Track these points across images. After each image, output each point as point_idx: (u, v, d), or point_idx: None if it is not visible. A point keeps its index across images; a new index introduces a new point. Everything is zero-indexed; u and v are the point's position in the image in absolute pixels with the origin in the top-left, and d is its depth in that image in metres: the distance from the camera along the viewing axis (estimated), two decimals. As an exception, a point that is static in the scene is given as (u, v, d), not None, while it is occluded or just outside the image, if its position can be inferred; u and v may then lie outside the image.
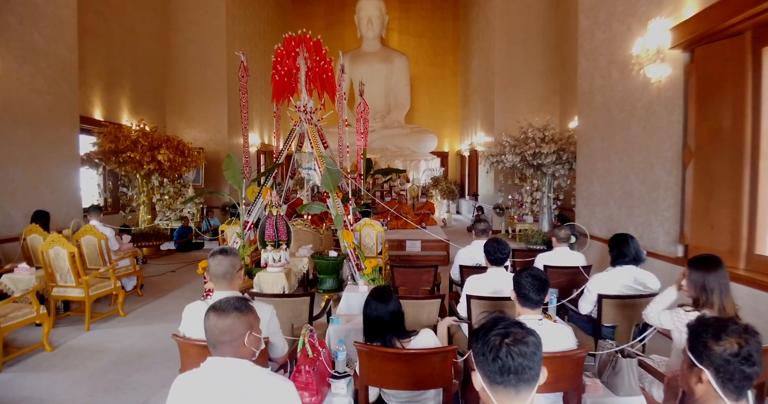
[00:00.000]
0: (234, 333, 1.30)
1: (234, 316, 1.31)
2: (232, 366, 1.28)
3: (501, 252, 2.83)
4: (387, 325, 1.88)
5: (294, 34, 5.58)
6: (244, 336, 1.32)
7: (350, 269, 5.16)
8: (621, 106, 4.68)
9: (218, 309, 1.33)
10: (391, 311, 1.88)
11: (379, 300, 1.90)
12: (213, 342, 1.30)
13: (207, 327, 1.31)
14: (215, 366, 1.28)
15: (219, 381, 1.25)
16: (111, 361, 3.42)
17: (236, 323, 1.31)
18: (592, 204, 5.38)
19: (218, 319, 1.30)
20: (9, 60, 5.00)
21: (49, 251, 3.98)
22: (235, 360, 1.29)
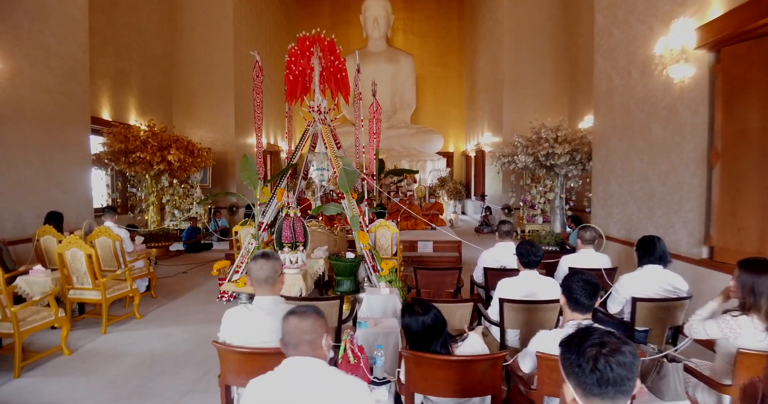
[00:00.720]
0: (314, 333, 1.37)
1: (314, 318, 1.39)
2: (312, 364, 1.34)
3: (534, 254, 2.78)
4: (431, 335, 1.84)
5: (308, 34, 5.53)
6: (322, 337, 1.38)
7: (366, 271, 5.11)
8: (641, 106, 4.64)
9: (298, 312, 1.42)
10: (432, 322, 1.84)
11: (419, 313, 1.85)
12: (294, 342, 1.36)
13: (288, 329, 1.38)
14: (295, 365, 1.34)
15: (299, 378, 1.31)
16: (132, 365, 3.36)
17: (316, 324, 1.38)
18: (609, 205, 5.34)
19: (299, 321, 1.38)
20: (21, 59, 4.95)
21: (66, 253, 3.93)
22: (314, 359, 1.35)
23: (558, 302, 2.80)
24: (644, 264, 2.93)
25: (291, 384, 1.30)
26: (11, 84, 4.83)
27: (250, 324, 1.88)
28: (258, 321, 1.88)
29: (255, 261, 1.90)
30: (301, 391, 1.28)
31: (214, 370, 3.27)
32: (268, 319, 1.88)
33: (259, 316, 1.89)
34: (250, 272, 1.91)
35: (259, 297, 1.92)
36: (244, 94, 10.60)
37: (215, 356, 3.47)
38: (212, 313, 4.59)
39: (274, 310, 1.90)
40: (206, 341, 3.83)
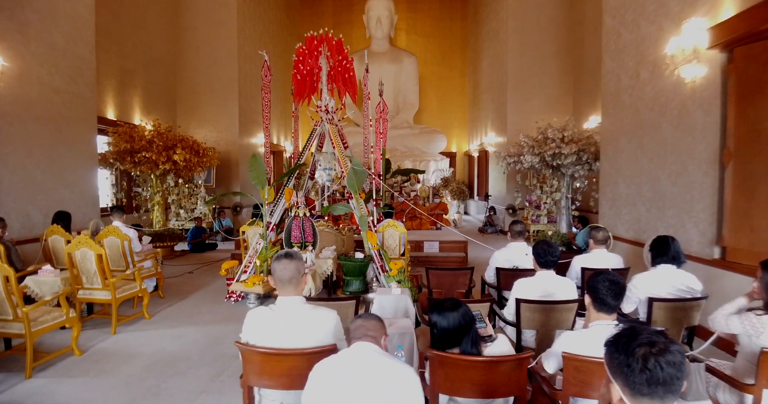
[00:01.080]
0: (377, 331, 1.61)
1: (376, 320, 1.66)
2: (374, 348, 1.56)
3: (552, 254, 2.78)
4: (460, 332, 1.82)
5: (315, 33, 5.52)
6: (383, 337, 1.63)
7: (374, 271, 5.10)
8: (650, 106, 4.64)
9: (363, 315, 1.68)
10: (461, 319, 1.83)
11: (449, 309, 1.84)
12: (359, 336, 1.59)
13: (354, 327, 1.62)
14: (361, 347, 1.56)
15: (362, 357, 1.53)
16: (144, 366, 3.34)
17: (377, 324, 1.64)
18: (617, 206, 5.34)
19: (364, 320, 1.63)
20: (29, 58, 4.93)
21: (76, 253, 3.91)
22: (375, 345, 1.58)
23: (575, 302, 2.80)
24: (658, 264, 2.93)
25: (353, 361, 1.51)
26: (19, 83, 4.81)
27: (273, 325, 1.87)
28: (282, 321, 1.87)
29: (278, 262, 1.89)
30: (362, 368, 1.48)
31: (228, 371, 3.26)
32: (292, 320, 1.87)
33: (283, 317, 1.88)
34: (274, 272, 1.90)
35: (282, 297, 1.91)
36: (248, 93, 10.59)
37: (228, 356, 3.48)
38: (221, 313, 4.58)
39: (297, 311, 1.89)
40: (218, 341, 3.82)
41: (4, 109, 4.65)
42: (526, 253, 3.69)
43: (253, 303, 4.78)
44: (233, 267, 5.07)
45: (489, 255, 7.49)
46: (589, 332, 1.92)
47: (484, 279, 3.89)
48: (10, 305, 3.10)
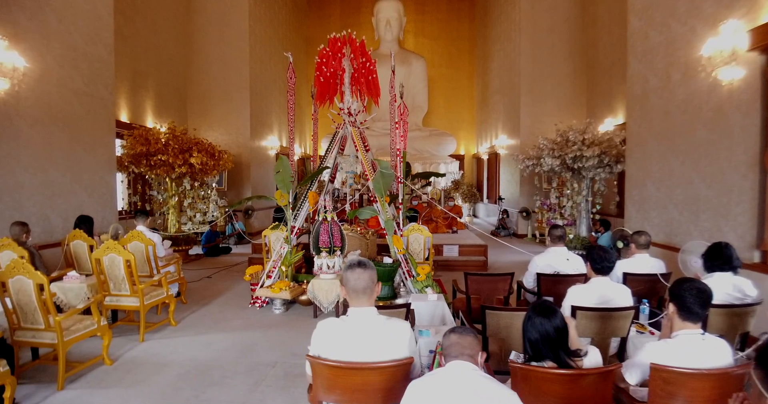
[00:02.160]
0: (472, 349, 1.56)
1: (472, 336, 1.59)
2: (471, 367, 1.51)
3: (609, 260, 2.70)
4: (554, 342, 1.74)
5: (338, 35, 5.46)
6: (478, 354, 1.57)
7: (400, 276, 5.02)
8: (683, 109, 4.59)
9: (458, 330, 1.62)
10: (557, 327, 1.74)
11: (544, 315, 1.76)
12: (456, 354, 1.54)
13: (449, 343, 1.57)
14: (457, 367, 1.50)
15: (459, 378, 1.47)
16: (178, 375, 3.25)
17: (474, 341, 1.58)
18: (645, 209, 5.27)
19: (460, 337, 1.58)
20: (49, 59, 4.84)
21: (104, 258, 3.81)
22: (472, 364, 1.52)
23: (632, 309, 2.73)
24: (713, 271, 2.85)
25: (451, 383, 1.45)
26: (39, 85, 4.72)
27: (346, 338, 1.78)
28: (354, 334, 1.78)
29: (352, 271, 1.80)
30: (464, 386, 1.43)
31: (266, 381, 3.17)
32: (365, 332, 1.78)
33: (356, 329, 1.79)
34: (347, 282, 1.81)
35: (355, 308, 1.82)
36: (259, 96, 10.51)
37: (263, 365, 3.39)
38: (248, 319, 4.48)
39: (371, 322, 1.80)
40: (249, 349, 3.72)
41: (26, 111, 4.56)
42: (567, 258, 3.62)
43: (279, 309, 4.68)
44: (257, 272, 4.97)
45: (508, 258, 7.45)
46: (676, 342, 1.85)
47: (522, 284, 3.81)
48: (42, 314, 3.00)
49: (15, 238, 3.93)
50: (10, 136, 4.39)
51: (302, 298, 4.77)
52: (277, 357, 3.55)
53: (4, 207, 4.35)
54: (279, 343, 3.86)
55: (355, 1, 14.54)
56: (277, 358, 3.54)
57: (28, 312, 3.05)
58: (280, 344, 3.84)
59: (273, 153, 11.39)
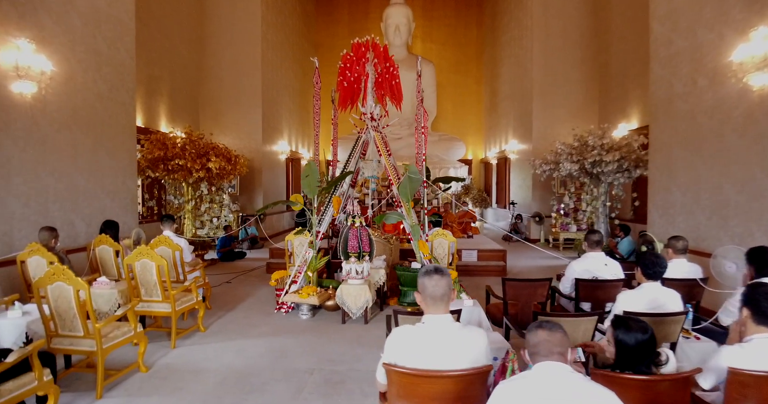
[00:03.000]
0: (562, 346, 1.47)
1: (561, 333, 1.51)
2: (563, 368, 1.44)
3: (661, 266, 2.69)
4: (646, 353, 1.74)
5: (361, 40, 5.47)
6: (568, 351, 1.50)
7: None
8: (710, 114, 4.60)
9: (546, 326, 1.52)
10: (648, 339, 1.74)
11: (637, 330, 1.76)
12: (545, 353, 1.47)
13: (537, 341, 1.49)
14: (551, 369, 1.44)
15: (552, 380, 1.41)
16: (217, 382, 3.20)
17: (564, 338, 1.50)
18: (670, 214, 5.27)
19: (549, 334, 1.49)
20: (75, 64, 4.82)
21: (136, 264, 3.77)
22: (564, 364, 1.46)
23: (683, 314, 2.71)
24: (763, 277, 2.83)
25: (543, 385, 1.39)
26: (64, 89, 4.69)
27: (423, 345, 1.75)
28: (431, 341, 1.75)
29: (429, 277, 1.77)
30: (558, 387, 1.38)
31: (307, 388, 3.12)
32: (442, 339, 1.75)
33: (433, 336, 1.76)
34: (423, 289, 1.78)
35: (431, 315, 1.79)
36: (271, 101, 10.51)
37: (300, 371, 3.35)
38: (276, 325, 4.44)
39: (448, 330, 1.77)
40: (284, 355, 3.68)
41: (52, 115, 4.53)
42: (606, 263, 3.60)
43: (306, 315, 4.64)
44: (283, 277, 4.93)
45: (525, 263, 7.43)
46: (751, 346, 1.83)
47: (558, 290, 3.78)
48: (81, 321, 2.95)
49: (44, 244, 3.89)
50: (36, 141, 4.36)
51: (328, 304, 4.73)
52: (313, 364, 3.51)
53: (30, 212, 4.30)
54: (312, 349, 3.81)
55: (363, 7, 14.62)
56: (313, 365, 3.49)
57: (67, 319, 3.00)
58: (313, 350, 3.80)
59: (284, 158, 11.37)
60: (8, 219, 4.09)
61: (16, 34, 4.11)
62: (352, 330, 4.31)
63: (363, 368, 3.44)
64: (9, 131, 4.08)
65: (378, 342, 3.95)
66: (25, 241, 4.16)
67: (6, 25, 4.05)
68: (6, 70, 4.02)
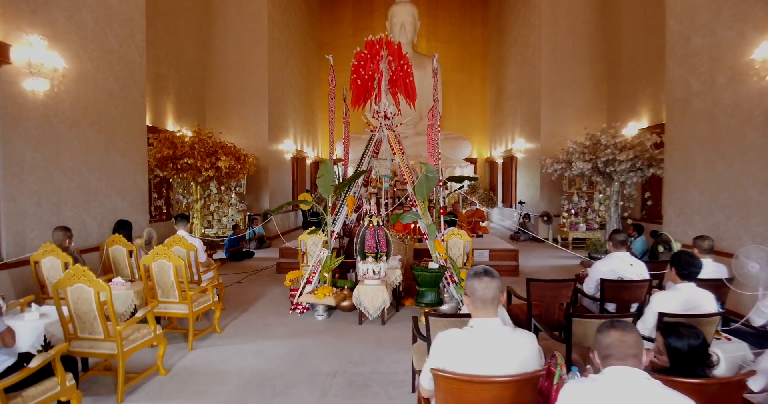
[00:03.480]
0: (638, 348, 1.40)
1: (636, 333, 1.43)
2: (638, 375, 1.37)
3: (696, 266, 2.63)
4: (699, 359, 1.69)
5: (374, 38, 5.41)
6: (644, 353, 1.42)
7: (443, 281, 4.93)
8: (730, 113, 4.56)
9: (619, 326, 1.44)
10: (701, 344, 1.69)
11: (690, 336, 1.71)
12: (620, 355, 1.39)
13: (610, 342, 1.41)
14: (626, 374, 1.37)
15: (626, 387, 1.35)
16: (239, 385, 3.14)
17: (638, 339, 1.42)
18: (687, 213, 5.23)
19: (623, 335, 1.41)
20: (86, 61, 4.75)
21: (153, 264, 3.70)
22: (639, 370, 1.38)
23: (718, 315, 2.66)
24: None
25: (617, 392, 1.33)
26: (76, 86, 4.62)
27: (472, 350, 1.69)
28: (481, 346, 1.69)
29: (479, 280, 1.72)
30: (628, 401, 1.31)
31: (331, 391, 3.07)
32: (491, 344, 1.70)
33: (483, 341, 1.70)
34: (474, 291, 1.72)
35: (480, 319, 1.73)
36: (278, 99, 10.44)
37: (323, 374, 3.29)
38: (292, 326, 4.38)
39: (497, 334, 1.72)
40: (304, 357, 3.62)
41: (64, 113, 4.46)
42: (631, 264, 3.55)
43: (322, 316, 4.58)
44: (298, 277, 4.88)
45: (536, 263, 7.38)
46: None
47: (582, 290, 3.73)
48: (102, 323, 2.89)
49: (58, 244, 3.82)
50: (49, 139, 4.29)
51: (344, 304, 4.67)
52: (334, 366, 3.46)
53: (42, 211, 4.24)
54: (331, 351, 3.76)
55: (367, 5, 14.54)
56: (335, 367, 3.44)
57: (87, 322, 2.94)
58: (332, 352, 3.74)
59: (289, 157, 11.30)
60: (21, 219, 4.02)
61: (28, 30, 4.04)
62: (370, 332, 4.25)
63: (386, 370, 3.39)
64: (21, 129, 4.01)
65: (397, 344, 3.90)
66: (37, 241, 4.09)
67: (18, 20, 3.98)
68: (19, 67, 3.95)
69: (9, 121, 3.88)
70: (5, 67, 3.85)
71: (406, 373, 3.27)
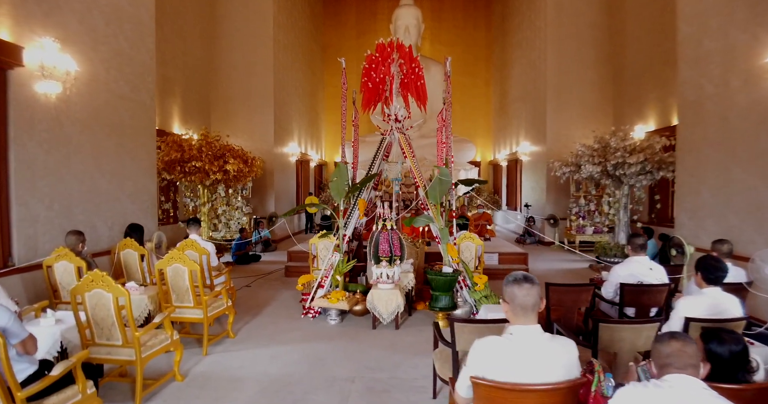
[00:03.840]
0: (697, 358, 1.45)
1: (695, 345, 1.47)
2: (698, 384, 1.41)
3: (723, 270, 2.61)
4: (739, 364, 1.66)
5: (385, 41, 5.40)
6: (701, 363, 1.47)
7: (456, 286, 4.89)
8: (744, 115, 4.55)
9: (680, 337, 1.49)
10: (742, 350, 1.67)
11: (731, 342, 1.69)
12: (681, 365, 1.43)
13: (670, 352, 1.45)
14: (687, 383, 1.40)
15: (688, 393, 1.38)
16: (257, 391, 3.10)
17: (697, 350, 1.47)
18: (699, 217, 5.21)
19: (684, 345, 1.44)
20: (98, 64, 4.73)
21: (168, 269, 3.67)
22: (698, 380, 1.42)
23: (744, 320, 2.64)
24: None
25: (677, 399, 1.36)
26: (87, 89, 4.59)
27: (512, 357, 1.66)
28: (522, 353, 1.66)
29: (519, 286, 1.69)
30: None
31: (352, 396, 3.04)
32: (531, 351, 1.67)
33: (524, 348, 1.67)
34: (514, 298, 1.69)
35: (521, 325, 1.70)
36: (282, 102, 10.43)
37: (341, 379, 3.25)
38: (305, 330, 4.34)
39: (537, 341, 1.69)
40: (320, 362, 3.59)
41: (75, 115, 4.43)
42: (651, 268, 3.53)
43: (335, 320, 4.54)
44: (310, 281, 4.84)
45: (546, 267, 7.35)
46: None
47: (600, 294, 3.70)
48: (120, 329, 2.85)
49: (71, 248, 3.78)
50: (61, 143, 4.26)
51: (356, 308, 4.64)
52: (352, 372, 3.42)
53: (54, 215, 4.20)
54: (347, 356, 3.72)
55: (370, 9, 14.57)
56: (352, 373, 3.40)
57: (104, 328, 2.90)
58: (348, 357, 3.70)
59: (294, 160, 11.27)
60: (33, 223, 3.98)
61: (41, 32, 4.01)
62: (384, 336, 4.22)
63: (404, 376, 3.35)
64: (34, 132, 3.97)
65: (412, 349, 3.86)
66: (49, 245, 4.05)
67: (31, 23, 3.95)
68: (31, 69, 3.92)
69: (22, 124, 3.85)
70: (18, 70, 3.83)
71: (425, 379, 3.24)
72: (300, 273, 6.08)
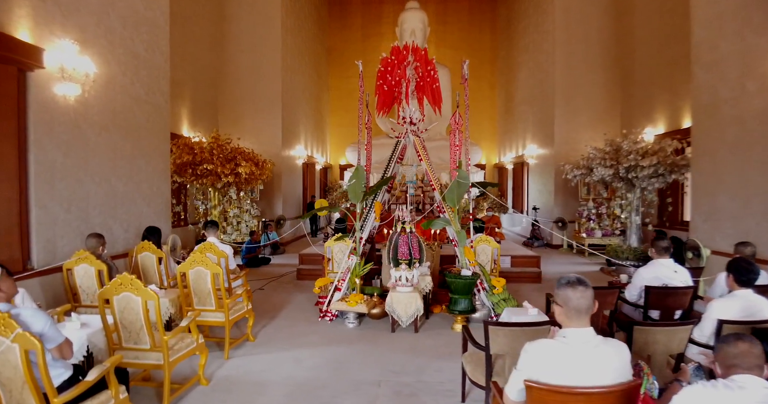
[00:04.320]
0: (762, 359, 1.50)
1: (761, 346, 1.52)
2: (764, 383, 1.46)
3: (755, 272, 2.61)
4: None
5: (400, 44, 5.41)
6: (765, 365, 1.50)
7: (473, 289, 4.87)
8: (761, 119, 4.56)
9: (745, 338, 1.55)
10: None
11: None
12: (749, 365, 1.49)
13: (738, 352, 1.50)
14: (752, 381, 1.46)
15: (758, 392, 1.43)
16: (285, 395, 3.07)
17: (763, 352, 1.51)
18: (715, 219, 5.22)
19: (751, 346, 1.51)
20: (114, 66, 4.72)
21: (190, 272, 3.64)
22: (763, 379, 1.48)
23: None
24: None
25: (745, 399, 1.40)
26: (105, 91, 4.59)
27: (566, 361, 1.65)
28: (576, 356, 1.65)
29: (574, 289, 1.68)
30: None
31: (380, 400, 3.01)
32: (585, 354, 1.66)
33: (577, 351, 1.66)
34: (568, 301, 1.68)
35: (574, 328, 1.69)
36: (290, 105, 10.43)
37: (367, 384, 3.23)
38: (324, 334, 4.32)
39: (590, 344, 1.67)
40: (343, 366, 3.56)
41: (93, 118, 4.42)
42: (676, 271, 3.52)
43: (353, 323, 4.52)
44: (327, 284, 4.82)
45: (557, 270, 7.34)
46: None
47: (624, 297, 3.69)
48: (148, 333, 2.83)
49: (92, 251, 3.76)
50: (79, 145, 4.24)
51: (374, 312, 4.62)
52: (377, 375, 3.39)
53: (72, 218, 4.17)
54: (370, 359, 3.70)
55: (375, 12, 14.61)
56: (378, 376, 3.38)
57: (132, 331, 2.87)
58: (371, 360, 3.68)
59: (301, 162, 11.26)
60: (51, 226, 3.95)
61: (60, 34, 4.01)
62: (404, 340, 4.20)
63: (430, 380, 3.33)
64: (53, 135, 3.96)
65: (434, 352, 3.84)
66: (67, 248, 4.03)
67: (50, 24, 3.94)
68: (51, 71, 3.91)
69: (41, 126, 3.83)
70: (38, 72, 3.81)
71: (451, 383, 3.22)
72: (312, 276, 6.06)
